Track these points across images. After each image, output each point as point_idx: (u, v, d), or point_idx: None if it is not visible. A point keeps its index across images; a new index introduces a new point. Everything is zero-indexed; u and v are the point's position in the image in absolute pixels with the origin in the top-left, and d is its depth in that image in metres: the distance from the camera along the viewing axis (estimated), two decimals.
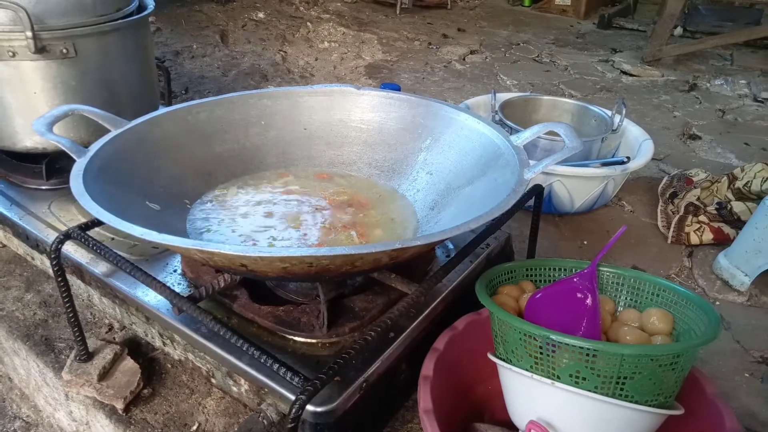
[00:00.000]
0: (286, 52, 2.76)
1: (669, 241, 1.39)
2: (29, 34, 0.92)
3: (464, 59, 2.82)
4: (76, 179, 0.67)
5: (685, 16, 3.11)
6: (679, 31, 3.14)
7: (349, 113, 1.00)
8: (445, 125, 0.91)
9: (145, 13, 1.10)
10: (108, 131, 0.82)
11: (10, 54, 0.95)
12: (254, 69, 2.50)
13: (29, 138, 1.06)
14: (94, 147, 0.76)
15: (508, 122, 1.51)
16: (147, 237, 0.57)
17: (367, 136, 0.99)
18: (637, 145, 1.51)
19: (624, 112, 1.53)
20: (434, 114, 0.94)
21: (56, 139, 0.74)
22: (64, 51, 0.98)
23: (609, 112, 1.58)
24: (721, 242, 1.35)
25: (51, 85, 1.01)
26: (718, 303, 1.22)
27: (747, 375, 1.03)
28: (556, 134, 0.78)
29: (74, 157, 0.73)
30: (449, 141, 0.90)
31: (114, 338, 0.96)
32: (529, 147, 0.83)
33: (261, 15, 3.27)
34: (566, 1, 3.69)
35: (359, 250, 0.55)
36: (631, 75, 2.64)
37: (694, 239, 1.37)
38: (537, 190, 0.93)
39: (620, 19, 3.53)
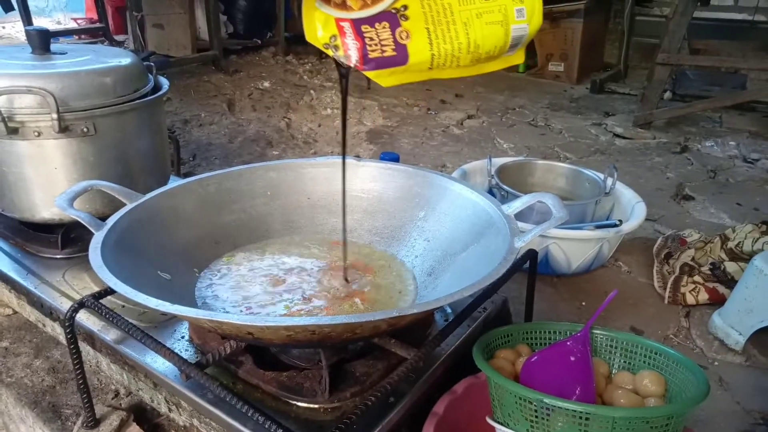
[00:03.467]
0: (290, 118, 2.87)
1: (666, 301, 1.42)
2: (55, 116, 0.99)
3: (462, 124, 2.92)
4: (94, 252, 0.72)
5: (673, 81, 3.25)
6: (668, 95, 3.27)
7: (350, 183, 1.05)
8: (441, 195, 0.97)
9: (160, 93, 1.18)
10: (123, 204, 0.88)
11: (36, 134, 1.02)
12: (259, 135, 2.60)
13: (47, 210, 1.12)
14: (111, 221, 0.81)
15: (504, 186, 1.57)
16: (161, 308, 0.61)
17: (367, 204, 1.04)
18: (630, 207, 1.56)
19: (615, 175, 1.59)
20: (430, 184, 0.99)
21: (76, 214, 0.79)
22: (85, 129, 1.05)
23: (602, 176, 1.64)
24: (717, 302, 1.37)
25: (71, 161, 1.07)
26: (716, 363, 1.23)
27: None
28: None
29: (92, 230, 0.78)
30: (445, 209, 0.95)
31: (120, 404, 0.98)
32: (525, 209, 0.87)
33: (266, 84, 3.42)
34: (559, 67, 3.86)
35: (359, 318, 0.59)
36: (624, 138, 2.74)
37: (690, 299, 1.39)
38: (531, 255, 0.97)
39: (612, 83, 3.68)
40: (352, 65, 0.68)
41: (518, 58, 0.76)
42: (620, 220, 1.46)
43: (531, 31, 0.73)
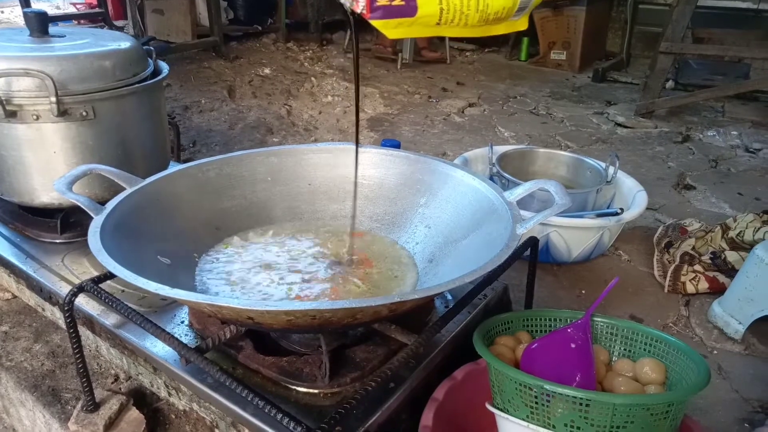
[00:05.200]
0: (290, 106, 2.85)
1: (666, 290, 1.42)
2: (53, 99, 0.98)
3: (463, 112, 2.91)
4: (93, 236, 0.71)
5: (676, 70, 3.23)
6: (671, 84, 3.25)
7: (351, 169, 1.04)
8: (443, 181, 0.96)
9: (160, 77, 1.17)
10: (123, 189, 0.87)
11: (34, 117, 1.02)
12: (260, 122, 2.59)
13: (46, 194, 1.11)
14: (110, 205, 0.81)
15: (505, 174, 1.56)
16: (161, 292, 0.60)
17: (368, 191, 1.04)
18: (631, 196, 1.55)
19: (617, 164, 1.59)
20: (432, 170, 0.98)
21: (75, 198, 0.79)
22: (84, 113, 1.04)
23: (603, 164, 1.63)
24: (717, 291, 1.37)
25: (70, 145, 1.06)
26: (715, 352, 1.23)
27: (747, 425, 1.04)
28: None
29: (92, 214, 0.77)
30: (446, 196, 0.95)
31: (120, 388, 0.98)
32: (526, 197, 0.87)
33: (267, 71, 3.40)
34: (561, 56, 3.83)
35: (360, 303, 0.59)
36: (626, 127, 2.72)
37: (690, 288, 1.39)
38: (532, 242, 0.97)
39: (614, 72, 3.66)
40: (358, 11, 0.65)
41: (522, 24, 0.74)
42: (621, 209, 1.46)
43: None
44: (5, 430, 1.14)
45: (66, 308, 0.81)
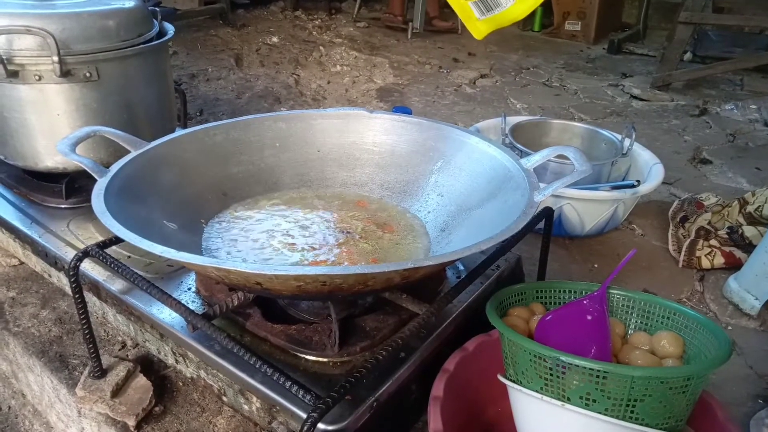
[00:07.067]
0: (299, 75, 2.81)
1: (680, 265, 1.39)
2: (56, 59, 0.95)
3: (474, 83, 2.85)
4: (97, 198, 0.69)
5: (694, 41, 3.14)
6: (688, 56, 3.16)
7: (362, 136, 1.02)
8: (456, 148, 0.93)
9: (165, 38, 1.13)
10: (127, 152, 0.85)
11: (36, 78, 0.99)
12: (267, 92, 2.55)
13: (51, 158, 1.09)
14: (115, 167, 0.79)
15: (518, 145, 1.53)
16: (166, 255, 0.59)
17: (379, 158, 1.01)
18: (647, 169, 1.52)
19: (633, 136, 1.54)
20: (445, 137, 0.95)
21: (79, 160, 0.76)
22: (88, 74, 1.02)
23: (619, 136, 1.59)
24: (733, 266, 1.34)
25: (74, 107, 1.04)
26: (730, 328, 1.21)
27: (761, 402, 1.02)
28: (566, 157, 0.79)
29: (96, 177, 0.75)
30: (460, 164, 0.92)
31: (127, 355, 0.97)
32: (539, 170, 0.84)
33: (275, 39, 3.34)
34: (576, 27, 3.74)
35: (372, 269, 0.57)
36: (642, 99, 2.66)
37: (706, 263, 1.37)
38: (547, 213, 0.94)
39: (630, 44, 3.56)
40: None
41: (477, 34, 0.71)
42: (638, 181, 1.42)
43: None
44: (15, 394, 1.15)
45: (71, 273, 0.80)
